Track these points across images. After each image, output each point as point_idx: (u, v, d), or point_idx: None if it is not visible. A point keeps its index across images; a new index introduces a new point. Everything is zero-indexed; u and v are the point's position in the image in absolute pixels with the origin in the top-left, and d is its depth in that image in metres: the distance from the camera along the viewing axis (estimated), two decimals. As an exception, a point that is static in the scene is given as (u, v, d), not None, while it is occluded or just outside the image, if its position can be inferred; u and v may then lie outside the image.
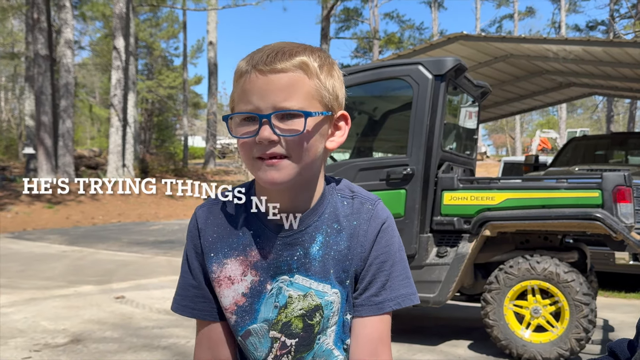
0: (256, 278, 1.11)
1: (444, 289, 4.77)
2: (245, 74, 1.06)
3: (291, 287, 1.11)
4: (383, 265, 1.13)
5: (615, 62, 9.03)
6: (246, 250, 1.11)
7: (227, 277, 1.12)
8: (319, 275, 1.11)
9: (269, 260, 1.10)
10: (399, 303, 1.14)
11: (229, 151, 28.28)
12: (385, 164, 5.05)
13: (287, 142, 1.04)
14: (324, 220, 1.12)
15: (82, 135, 47.17)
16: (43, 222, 16.47)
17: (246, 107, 1.05)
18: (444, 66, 4.85)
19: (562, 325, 4.53)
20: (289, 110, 1.03)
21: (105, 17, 34.16)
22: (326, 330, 1.13)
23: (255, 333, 1.12)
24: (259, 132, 1.03)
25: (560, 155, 9.93)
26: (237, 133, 1.07)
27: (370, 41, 42.31)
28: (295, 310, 1.10)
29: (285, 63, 1.04)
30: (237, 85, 1.08)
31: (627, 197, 4.53)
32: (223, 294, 1.13)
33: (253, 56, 1.07)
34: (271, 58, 1.04)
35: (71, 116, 22.97)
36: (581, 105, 54.85)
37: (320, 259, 1.11)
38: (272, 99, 1.03)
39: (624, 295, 7.47)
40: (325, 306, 1.11)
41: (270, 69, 1.03)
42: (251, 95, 1.04)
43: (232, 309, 1.12)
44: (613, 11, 37.91)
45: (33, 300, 6.91)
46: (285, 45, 1.08)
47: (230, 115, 1.09)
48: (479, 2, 46.27)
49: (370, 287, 1.13)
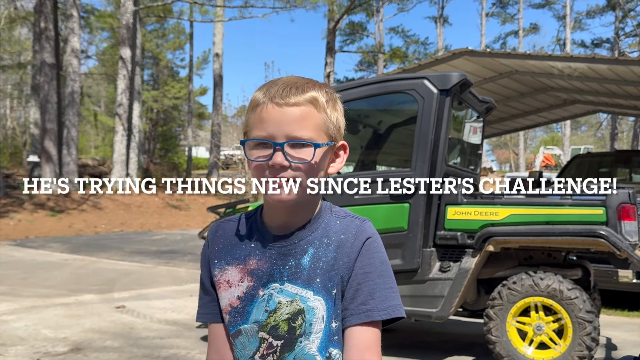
0: (251, 284, 1.24)
1: (446, 304, 4.75)
2: (262, 105, 1.20)
3: (281, 294, 1.22)
4: (369, 276, 1.23)
5: (620, 80, 9.04)
6: (246, 259, 1.26)
7: (226, 281, 1.26)
8: (305, 283, 1.22)
9: (264, 269, 1.24)
10: (389, 313, 1.22)
11: (232, 162, 28.33)
12: (389, 177, 5.05)
13: (296, 167, 1.19)
14: (316, 235, 1.25)
15: (87, 144, 47.30)
16: (46, 230, 16.47)
17: (261, 134, 1.19)
18: (449, 81, 4.86)
19: (564, 342, 4.50)
20: (300, 140, 1.19)
21: (112, 27, 34.37)
22: (309, 335, 1.22)
23: (245, 333, 1.24)
24: (272, 157, 1.18)
25: (564, 172, 9.92)
26: (251, 156, 1.22)
27: (375, 55, 42.46)
28: (283, 315, 1.22)
29: (298, 97, 1.19)
30: (253, 113, 1.22)
31: (632, 214, 4.51)
32: (221, 295, 1.27)
33: (269, 89, 1.21)
34: (286, 92, 1.19)
35: (76, 125, 23.05)
36: (585, 122, 54.88)
37: (308, 269, 1.23)
38: (285, 128, 1.18)
39: (626, 314, 7.43)
40: (307, 311, 1.21)
41: (285, 103, 1.18)
42: (267, 124, 1.19)
43: (227, 309, 1.26)
44: (618, 29, 38.06)
45: (34, 308, 6.90)
46: (297, 80, 1.23)
47: (247, 140, 1.23)
48: (484, 19, 46.45)
49: (357, 295, 1.22)
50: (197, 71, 42.70)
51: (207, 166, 35.73)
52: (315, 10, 29.87)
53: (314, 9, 27.40)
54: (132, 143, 25.73)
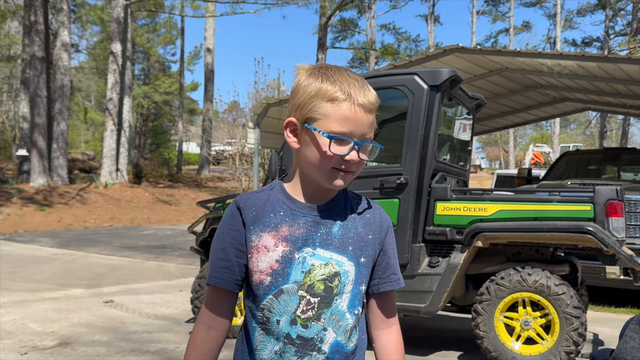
0: (286, 249, 1.38)
1: (435, 299, 4.78)
2: (344, 102, 1.34)
3: (313, 258, 1.39)
4: (393, 252, 1.52)
5: (609, 78, 9.09)
6: (277, 227, 1.39)
7: (264, 246, 1.38)
8: (339, 250, 1.41)
9: (297, 234, 1.39)
10: (401, 283, 1.54)
11: (223, 157, 28.25)
12: (379, 173, 5.06)
13: (361, 164, 1.40)
14: (341, 209, 1.46)
15: (77, 138, 47.03)
16: (35, 225, 16.39)
17: (343, 131, 1.34)
18: (439, 77, 4.87)
19: (552, 337, 4.53)
20: (370, 142, 1.39)
21: (102, 21, 34.13)
22: (342, 294, 1.40)
23: (287, 291, 1.38)
24: (349, 153, 1.35)
25: (553, 169, 9.96)
26: (324, 144, 1.35)
27: (367, 52, 42.48)
28: (318, 275, 1.38)
29: (373, 104, 1.38)
30: (330, 104, 1.35)
31: (619, 211, 4.55)
32: (260, 259, 1.38)
33: (348, 89, 1.35)
34: (366, 95, 1.36)
35: (66, 119, 22.92)
36: (575, 120, 55.17)
37: (339, 237, 1.42)
38: (363, 130, 1.36)
39: (614, 310, 7.49)
40: (343, 274, 1.40)
41: (368, 109, 1.36)
42: (350, 123, 1.34)
43: (268, 271, 1.38)
44: (608, 28, 38.23)
45: (22, 302, 6.87)
46: (360, 78, 1.39)
47: (334, 137, 1.34)
48: (475, 17, 46.52)
49: (388, 267, 1.50)
50: (188, 66, 42.53)
51: (198, 161, 35.67)
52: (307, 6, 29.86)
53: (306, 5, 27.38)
54: (122, 138, 25.62)
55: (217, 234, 1.45)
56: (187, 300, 7.23)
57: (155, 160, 34.38)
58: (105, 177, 23.54)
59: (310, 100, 1.37)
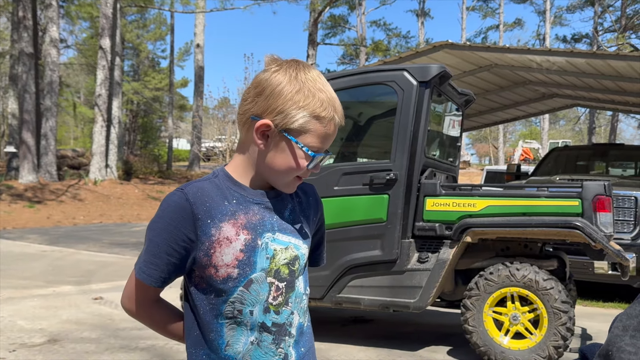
0: (248, 237, 1.36)
1: (424, 294, 4.79)
2: (327, 121, 1.36)
3: (274, 243, 1.39)
4: (323, 226, 1.61)
5: (597, 74, 9.14)
6: (235, 215, 1.37)
7: (226, 237, 1.35)
8: (294, 233, 1.44)
9: (254, 221, 1.38)
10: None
11: (213, 154, 28.16)
12: (369, 168, 5.06)
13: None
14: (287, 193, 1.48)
15: (66, 135, 46.79)
16: (23, 222, 16.29)
17: (319, 146, 1.37)
18: (428, 73, 4.88)
19: (540, 332, 4.56)
20: (329, 154, 1.44)
21: (92, 17, 33.94)
22: (300, 276, 1.45)
23: (256, 280, 1.37)
24: (314, 164, 1.39)
25: (542, 165, 10.00)
26: (299, 155, 1.37)
27: (357, 48, 42.46)
28: (281, 260, 1.40)
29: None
30: (317, 121, 1.35)
31: (607, 206, 4.58)
32: (224, 252, 1.35)
33: (333, 108, 1.36)
34: (342, 113, 1.40)
35: (54, 115, 22.77)
36: (564, 116, 55.43)
37: (292, 221, 1.45)
38: (329, 144, 1.41)
39: (602, 305, 7.55)
40: (301, 257, 1.45)
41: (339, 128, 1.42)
42: (327, 141, 1.39)
43: (234, 263, 1.35)
44: (597, 24, 38.43)
45: (10, 299, 6.83)
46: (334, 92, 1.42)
47: (316, 155, 1.38)
48: (465, 13, 46.62)
49: (322, 242, 1.62)
50: (178, 62, 42.42)
51: (188, 158, 35.55)
52: (297, 2, 29.80)
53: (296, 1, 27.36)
54: (112, 134, 25.50)
55: (154, 222, 1.37)
56: (176, 297, 7.18)
57: (145, 157, 34.23)
58: (94, 173, 23.43)
59: (297, 112, 1.33)
